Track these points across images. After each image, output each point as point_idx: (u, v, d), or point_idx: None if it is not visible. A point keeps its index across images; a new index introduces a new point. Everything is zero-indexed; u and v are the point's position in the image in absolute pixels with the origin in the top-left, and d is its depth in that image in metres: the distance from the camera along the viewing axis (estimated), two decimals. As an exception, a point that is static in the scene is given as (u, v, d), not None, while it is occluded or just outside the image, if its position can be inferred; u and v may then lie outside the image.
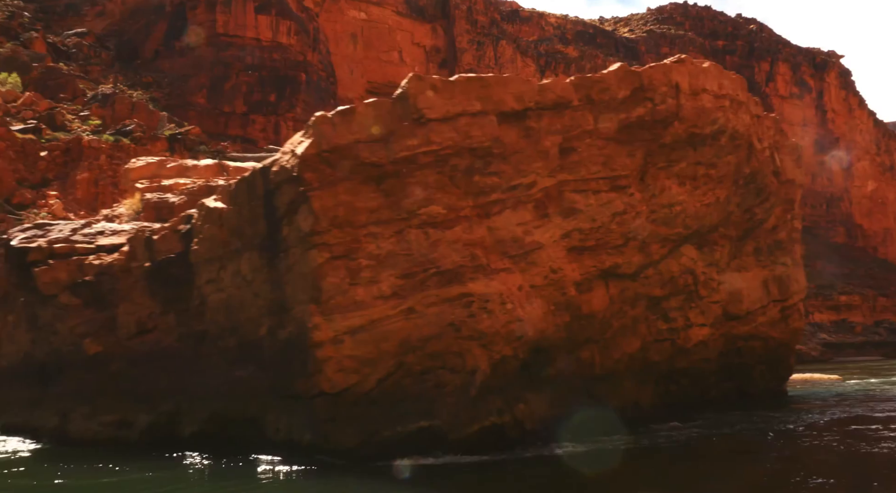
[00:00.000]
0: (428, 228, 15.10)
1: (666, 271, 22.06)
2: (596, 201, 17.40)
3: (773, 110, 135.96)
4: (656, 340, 24.10)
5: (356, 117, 14.78)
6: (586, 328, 18.70)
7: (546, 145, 16.55)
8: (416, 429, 14.89)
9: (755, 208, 24.90)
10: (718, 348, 27.91)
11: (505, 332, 15.56)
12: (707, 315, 26.57)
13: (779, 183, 26.23)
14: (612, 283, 19.19)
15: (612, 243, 18.01)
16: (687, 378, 26.83)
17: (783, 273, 29.77)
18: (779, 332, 30.02)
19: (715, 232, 24.12)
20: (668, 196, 18.84)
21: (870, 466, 14.82)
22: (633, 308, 21.74)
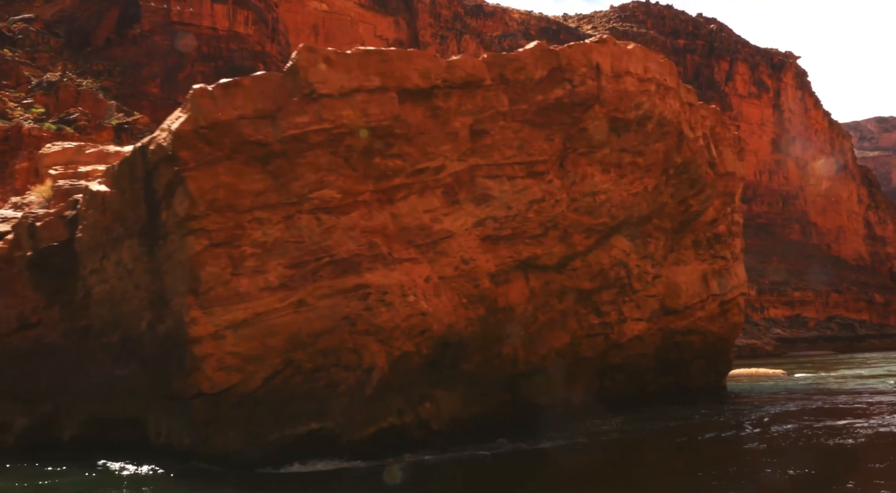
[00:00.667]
0: (321, 214, 13.69)
1: (595, 263, 20.87)
2: (511, 188, 16.10)
3: (733, 109, 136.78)
4: (588, 335, 22.95)
5: (241, 91, 13.31)
6: (505, 322, 17.42)
7: (455, 127, 15.21)
8: (306, 432, 13.50)
9: (690, 200, 23.81)
10: (656, 343, 26.88)
11: (406, 326, 14.20)
12: (643, 309, 25.49)
13: (716, 175, 25.19)
14: (532, 275, 17.93)
15: (529, 233, 16.74)
16: (622, 374, 25.75)
17: (723, 267, 28.83)
18: (718, 326, 29.10)
19: (648, 223, 23.00)
20: (591, 184, 17.61)
21: (791, 461, 13.76)
22: (560, 302, 20.52)
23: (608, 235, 20.01)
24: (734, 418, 22.93)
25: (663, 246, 24.71)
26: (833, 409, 23.74)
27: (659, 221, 23.52)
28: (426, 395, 15.34)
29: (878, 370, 42.60)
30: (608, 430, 20.35)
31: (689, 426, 20.67)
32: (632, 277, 23.38)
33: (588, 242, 18.94)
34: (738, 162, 30.11)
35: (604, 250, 21.16)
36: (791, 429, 18.83)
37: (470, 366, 17.26)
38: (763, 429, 19.70)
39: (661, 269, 25.93)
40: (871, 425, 18.46)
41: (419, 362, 14.80)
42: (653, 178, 19.60)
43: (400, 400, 14.47)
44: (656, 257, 24.53)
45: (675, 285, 26.83)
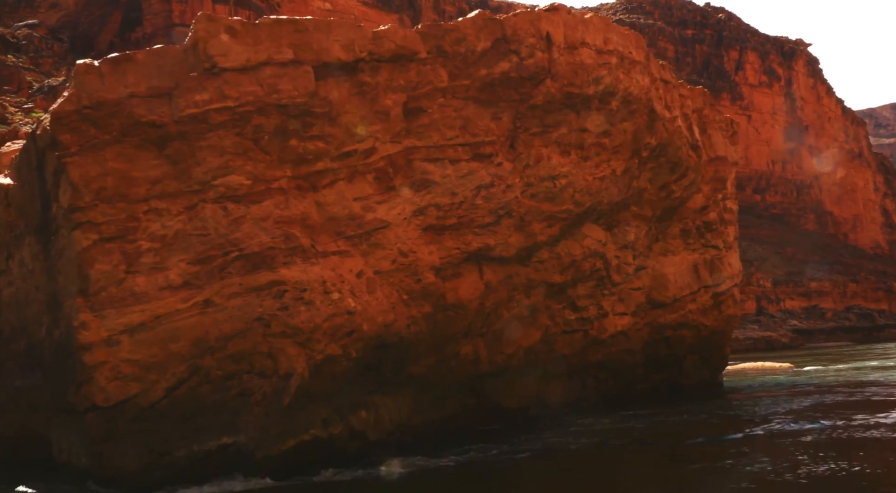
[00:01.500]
0: (227, 203, 12.16)
1: (565, 254, 19.19)
2: (455, 172, 14.48)
3: (744, 99, 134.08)
4: (564, 331, 21.28)
5: (133, 67, 11.80)
6: (457, 320, 15.80)
7: (386, 105, 13.61)
8: (217, 447, 11.99)
9: (672, 185, 22.05)
10: (643, 339, 25.14)
11: (328, 327, 12.63)
12: (627, 303, 23.77)
13: (701, 159, 23.37)
14: (487, 268, 16.28)
15: (479, 222, 15.11)
16: (606, 372, 24.04)
17: (715, 257, 27.02)
18: (711, 320, 27.28)
19: (625, 211, 21.27)
20: (548, 167, 15.93)
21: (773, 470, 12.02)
22: (527, 297, 18.86)
23: (576, 223, 18.31)
24: (723, 417, 21.16)
25: (645, 235, 22.96)
26: (832, 404, 21.89)
27: (638, 209, 21.78)
28: (361, 403, 13.76)
29: (890, 362, 40.45)
30: (584, 432, 18.67)
31: (673, 428, 18.95)
32: (610, 268, 21.67)
33: (551, 232, 17.25)
34: (731, 146, 28.27)
35: (574, 240, 19.48)
36: (779, 431, 17.07)
37: (419, 369, 15.67)
38: (749, 430, 17.94)
39: (646, 260, 24.18)
40: (874, 423, 16.62)
41: (349, 367, 13.21)
42: (621, 160, 17.87)
43: (326, 409, 12.90)
44: (638, 247, 22.79)
45: (662, 277, 25.07)
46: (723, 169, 26.82)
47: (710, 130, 26.40)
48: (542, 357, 20.69)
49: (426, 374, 16.01)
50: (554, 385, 22.11)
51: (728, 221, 27.87)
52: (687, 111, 22.43)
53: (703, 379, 28.18)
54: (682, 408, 23.29)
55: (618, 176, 18.14)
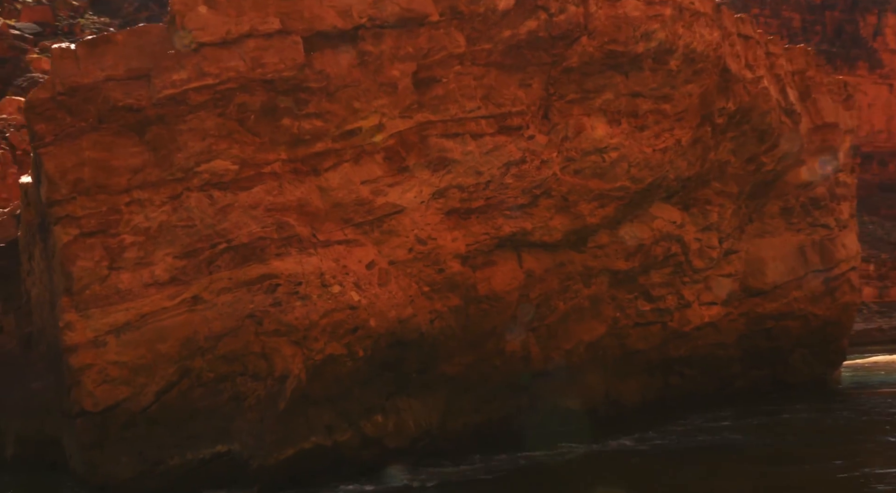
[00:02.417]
0: (213, 191, 11.31)
1: (630, 238, 17.31)
2: (478, 148, 13.05)
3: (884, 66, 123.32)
4: (637, 323, 19.36)
5: (112, 49, 11.15)
6: (493, 314, 14.37)
7: (392, 76, 12.37)
8: (211, 455, 11.21)
9: (762, 157, 19.58)
10: (738, 331, 22.72)
11: (327, 323, 11.56)
12: (716, 291, 21.48)
13: (799, 126, 20.68)
14: (528, 254, 14.73)
15: (509, 203, 13.61)
16: (693, 368, 21.83)
17: (825, 237, 24.10)
18: (822, 309, 24.37)
19: (705, 187, 19.05)
20: (591, 139, 14.18)
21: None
22: (586, 287, 17.15)
23: (637, 203, 16.37)
24: (832, 421, 18.57)
25: (733, 215, 20.57)
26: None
27: (721, 185, 19.48)
28: (376, 407, 12.60)
29: None
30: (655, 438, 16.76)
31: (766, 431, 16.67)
32: (690, 253, 19.51)
33: (605, 213, 15.45)
34: (844, 112, 25.14)
35: (641, 221, 17.54)
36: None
37: (453, 368, 14.35)
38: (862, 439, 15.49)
39: (737, 242, 21.76)
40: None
41: (357, 367, 12.07)
42: (687, 129, 15.79)
43: (330, 415, 11.82)
44: (724, 228, 20.45)
45: (758, 261, 22.55)
46: (832, 137, 23.84)
47: (816, 93, 23.49)
48: (610, 353, 18.86)
49: (463, 373, 14.66)
50: (629, 384, 20.19)
51: (841, 196, 24.79)
52: (780, 72, 19.85)
53: (814, 375, 25.26)
54: (782, 408, 20.76)
55: (685, 147, 16.06)
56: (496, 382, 15.80)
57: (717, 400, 22.14)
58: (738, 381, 23.49)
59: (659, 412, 20.46)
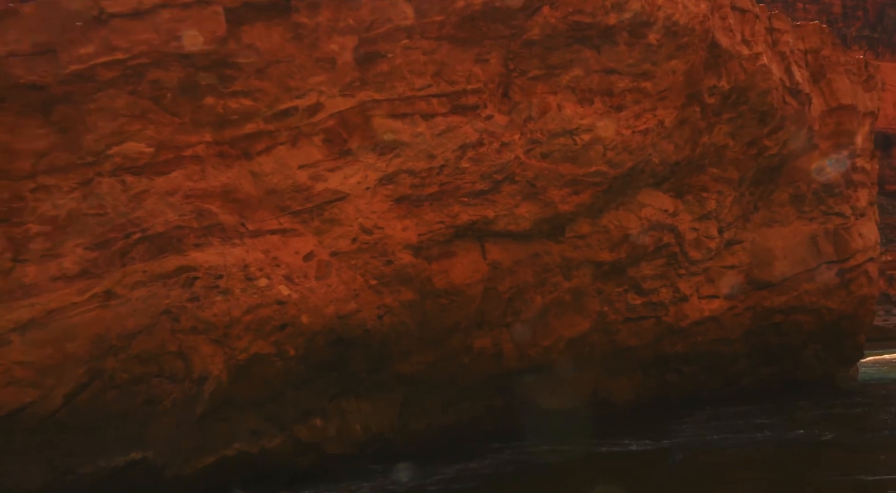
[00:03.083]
0: (126, 176, 10.28)
1: (615, 227, 15.97)
2: (429, 129, 11.84)
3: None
4: (628, 318, 18.01)
5: (18, 23, 10.16)
6: (455, 309, 13.18)
7: (331, 50, 11.21)
8: (125, 463, 10.23)
9: (763, 140, 18.01)
10: (744, 326, 21.20)
11: (251, 320, 10.50)
12: (718, 284, 20.01)
13: (806, 107, 19.03)
14: (493, 245, 13.50)
15: (467, 189, 12.38)
16: (693, 365, 20.41)
17: (840, 226, 22.39)
18: (837, 302, 22.69)
19: (700, 173, 17.57)
20: (559, 119, 12.86)
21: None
22: (566, 279, 15.86)
23: (618, 189, 15.00)
24: (842, 422, 17.02)
25: (734, 203, 19.05)
26: None
27: (719, 171, 17.97)
28: (315, 410, 11.54)
29: None
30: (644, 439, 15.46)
31: (766, 436, 15.24)
32: (685, 243, 18.07)
33: (580, 200, 14.12)
34: (863, 94, 23.33)
35: (627, 209, 16.17)
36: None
37: (411, 367, 13.22)
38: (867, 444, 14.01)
39: (741, 232, 20.23)
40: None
41: (288, 368, 11.00)
42: (671, 108, 14.36)
43: (256, 419, 10.78)
44: (725, 216, 18.95)
45: (765, 252, 20.98)
46: (848, 120, 22.07)
47: (831, 74, 21.74)
48: (598, 350, 17.55)
49: (424, 372, 13.53)
50: (620, 382, 18.87)
51: (859, 183, 23.00)
52: (784, 49, 18.21)
53: (828, 373, 23.60)
54: (792, 407, 19.24)
55: (669, 129, 14.63)
56: (465, 381, 14.66)
57: (720, 399, 20.76)
58: (745, 379, 21.98)
59: (655, 411, 19.14)
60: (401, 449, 13.24)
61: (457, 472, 12.10)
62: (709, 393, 20.89)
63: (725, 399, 20.75)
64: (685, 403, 20.02)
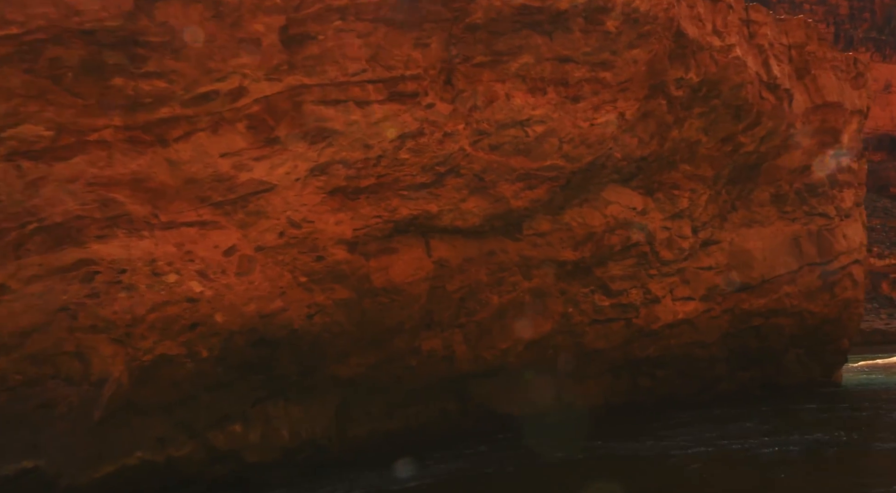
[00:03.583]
0: (22, 161, 9.32)
1: (578, 225, 14.92)
2: (365, 118, 10.82)
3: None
4: (595, 321, 16.95)
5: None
6: (397, 308, 12.17)
7: (256, 30, 10.20)
8: (17, 472, 9.25)
9: (739, 137, 16.88)
10: (722, 329, 20.10)
11: (157, 318, 9.53)
12: (694, 286, 18.93)
13: (785, 103, 17.88)
14: (439, 242, 12.48)
15: (407, 181, 11.36)
16: (667, 369, 19.33)
17: (824, 227, 21.26)
18: (820, 305, 21.58)
19: (672, 170, 16.48)
20: (508, 109, 11.80)
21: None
22: (526, 279, 14.82)
23: (580, 185, 13.94)
24: (811, 432, 15.91)
25: (709, 201, 17.94)
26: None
27: (691, 168, 16.87)
28: (234, 415, 10.56)
29: None
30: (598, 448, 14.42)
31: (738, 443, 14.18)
32: (655, 243, 16.99)
33: (535, 195, 13.07)
34: (851, 91, 22.16)
35: (591, 206, 15.12)
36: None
37: (350, 369, 12.22)
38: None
39: (719, 232, 19.11)
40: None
41: (201, 370, 10.02)
42: (633, 101, 13.27)
43: (163, 425, 9.80)
44: (699, 216, 17.85)
45: (744, 253, 19.86)
46: (833, 118, 20.91)
47: (817, 70, 20.58)
48: (563, 353, 16.50)
49: (366, 375, 12.52)
50: (587, 386, 17.79)
51: (844, 182, 21.84)
52: (762, 42, 17.07)
53: (811, 378, 22.48)
54: (763, 412, 18.15)
55: (632, 122, 13.54)
56: (414, 384, 13.65)
57: (695, 403, 19.70)
58: (723, 383, 20.89)
59: (624, 416, 18.09)
60: (338, 456, 12.26)
61: (389, 481, 11.13)
62: (684, 398, 19.83)
63: (702, 404, 19.70)
64: (659, 407, 18.97)
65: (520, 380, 15.61)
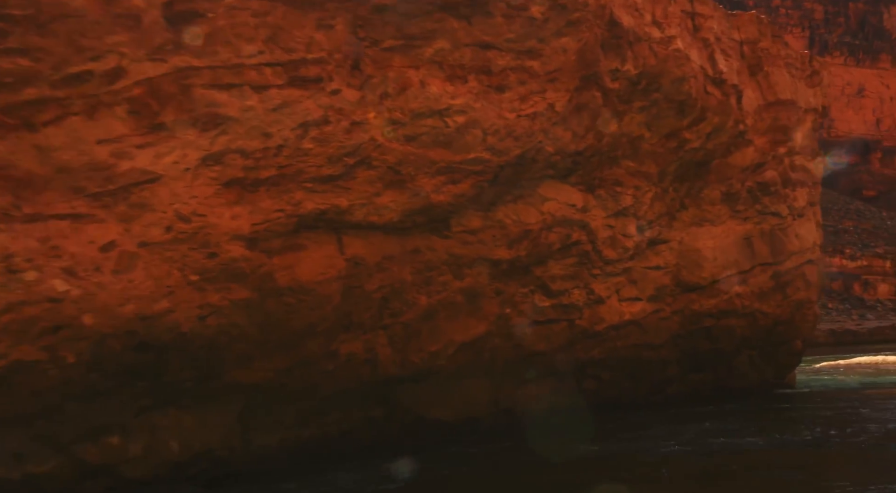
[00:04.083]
0: None
1: (512, 222, 13.92)
2: (262, 103, 9.76)
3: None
4: (535, 322, 15.93)
5: None
6: (305, 309, 11.10)
7: (134, 6, 9.11)
8: None
9: (684, 132, 15.94)
10: (671, 330, 19.16)
11: (12, 320, 8.45)
12: (641, 286, 17.96)
13: (731, 99, 16.98)
14: (354, 238, 11.42)
15: (312, 173, 10.30)
16: (614, 372, 18.37)
17: (777, 227, 20.39)
18: (772, 306, 20.70)
19: (614, 165, 15.51)
20: (424, 98, 10.77)
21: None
22: (457, 278, 13.81)
23: (511, 180, 12.95)
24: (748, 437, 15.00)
25: (654, 199, 16.99)
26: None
27: (635, 164, 15.92)
28: (111, 426, 9.46)
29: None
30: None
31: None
32: (598, 241, 16.01)
33: (459, 190, 12.05)
34: (806, 89, 21.29)
35: (527, 203, 14.12)
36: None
37: (254, 375, 11.14)
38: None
39: (668, 231, 18.16)
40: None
41: (67, 377, 8.92)
42: (563, 92, 12.27)
43: (20, 438, 8.70)
44: (644, 213, 16.90)
45: (694, 253, 18.91)
46: (786, 116, 20.04)
47: (770, 67, 19.69)
48: (500, 355, 15.49)
49: (274, 381, 11.45)
50: (528, 390, 16.78)
51: (797, 181, 20.97)
52: (708, 36, 16.14)
53: (764, 380, 21.62)
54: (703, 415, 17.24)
55: (563, 114, 12.54)
56: (332, 390, 12.58)
57: (646, 406, 18.81)
58: (674, 386, 19.96)
59: (566, 420, 17.12)
60: (241, 468, 11.19)
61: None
62: (633, 401, 18.91)
63: (654, 406, 18.81)
64: (607, 411, 18.03)
65: (453, 384, 14.60)
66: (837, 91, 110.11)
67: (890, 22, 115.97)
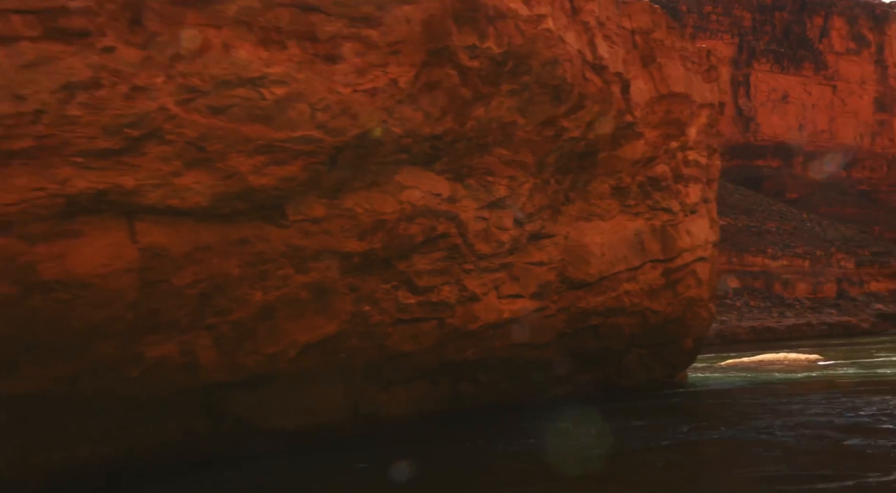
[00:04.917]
0: None
1: (364, 211, 12.25)
2: (11, 60, 7.90)
3: (828, 68, 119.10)
4: (400, 321, 14.31)
5: None
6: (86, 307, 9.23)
7: None
8: None
9: (562, 121, 14.51)
10: (557, 329, 17.80)
11: None
12: (523, 282, 16.49)
13: (614, 88, 15.62)
14: (151, 224, 9.58)
15: (81, 146, 8.43)
16: (493, 373, 16.91)
17: (668, 223, 19.20)
18: (663, 304, 19.57)
19: (486, 153, 13.98)
20: (230, 63, 8.99)
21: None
22: (301, 272, 12.07)
23: (356, 164, 11.27)
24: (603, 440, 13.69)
25: (534, 191, 15.53)
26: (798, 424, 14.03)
27: (509, 153, 14.40)
28: None
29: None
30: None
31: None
32: (469, 235, 14.46)
33: (285, 173, 10.31)
34: (702, 84, 20.18)
35: (382, 191, 12.46)
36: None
37: (26, 384, 9.24)
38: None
39: (552, 225, 16.76)
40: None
41: None
42: (408, 66, 10.63)
43: None
44: (522, 206, 15.41)
45: (581, 248, 17.57)
46: (679, 109, 18.87)
47: (663, 58, 18.46)
48: (361, 357, 13.83)
49: (56, 390, 9.56)
50: (395, 394, 15.19)
51: (690, 177, 19.86)
52: (589, 20, 14.72)
53: (653, 378, 20.55)
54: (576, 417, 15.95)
55: (409, 91, 10.90)
56: (140, 399, 10.75)
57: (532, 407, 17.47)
58: (560, 386, 18.65)
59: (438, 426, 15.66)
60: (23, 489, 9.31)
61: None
62: (517, 403, 17.55)
63: (539, 408, 17.47)
64: (485, 415, 16.62)
65: (298, 389, 12.89)
66: (763, 96, 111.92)
67: (812, 31, 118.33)
